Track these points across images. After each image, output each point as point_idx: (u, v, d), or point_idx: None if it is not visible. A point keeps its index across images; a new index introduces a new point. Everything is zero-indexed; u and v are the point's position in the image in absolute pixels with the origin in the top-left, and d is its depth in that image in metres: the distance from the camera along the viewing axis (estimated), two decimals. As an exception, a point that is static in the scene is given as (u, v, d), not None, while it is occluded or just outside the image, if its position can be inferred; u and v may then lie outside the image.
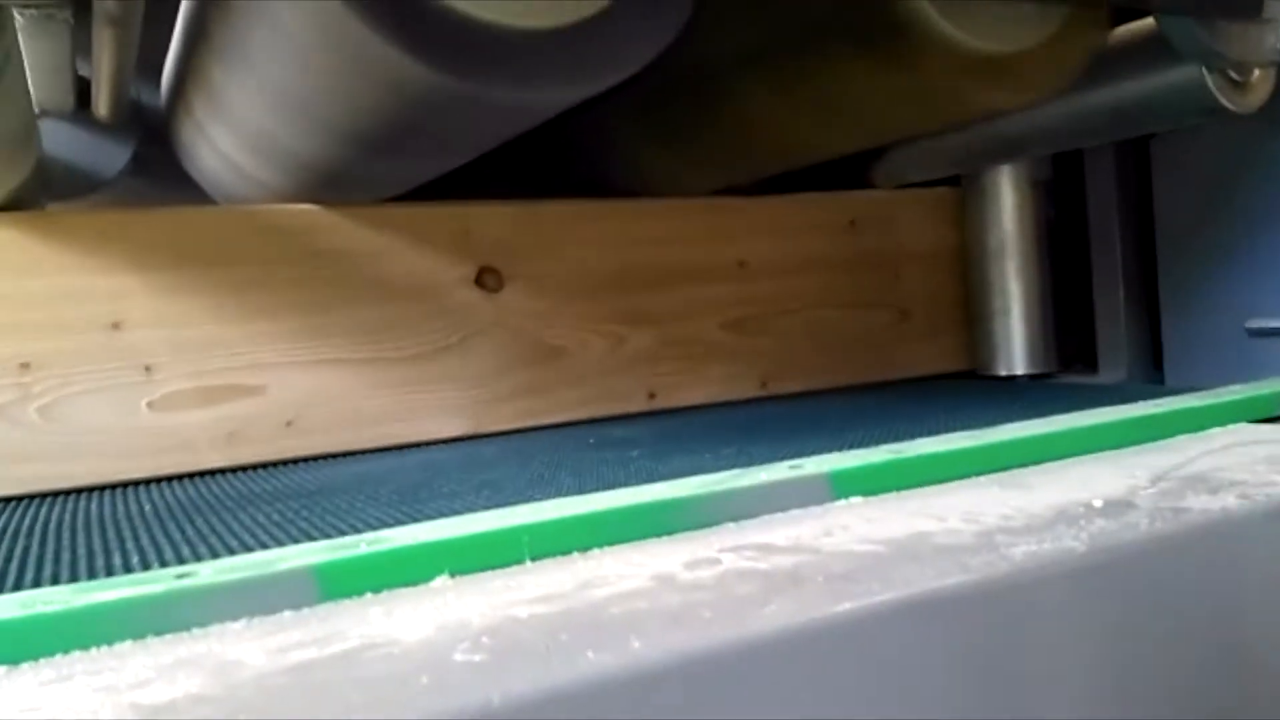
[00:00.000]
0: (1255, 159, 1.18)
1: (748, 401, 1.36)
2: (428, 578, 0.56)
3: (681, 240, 1.32)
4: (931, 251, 1.51)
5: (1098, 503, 0.63)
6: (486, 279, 1.19)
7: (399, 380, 1.15)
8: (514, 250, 1.20)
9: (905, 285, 1.49)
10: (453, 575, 0.57)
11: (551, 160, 1.34)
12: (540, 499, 0.64)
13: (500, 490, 0.84)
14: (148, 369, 1.02)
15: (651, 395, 1.30)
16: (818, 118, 0.95)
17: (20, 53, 0.86)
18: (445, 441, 1.17)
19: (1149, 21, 1.00)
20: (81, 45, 1.07)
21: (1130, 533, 0.57)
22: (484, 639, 0.45)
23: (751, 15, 0.87)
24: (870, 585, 0.49)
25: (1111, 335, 1.42)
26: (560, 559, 0.59)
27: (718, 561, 0.56)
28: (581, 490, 0.74)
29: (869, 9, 0.79)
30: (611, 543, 0.61)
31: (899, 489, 0.70)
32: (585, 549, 0.60)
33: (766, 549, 0.57)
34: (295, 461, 1.10)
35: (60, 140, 1.21)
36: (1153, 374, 1.41)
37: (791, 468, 0.70)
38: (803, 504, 0.67)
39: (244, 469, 1.07)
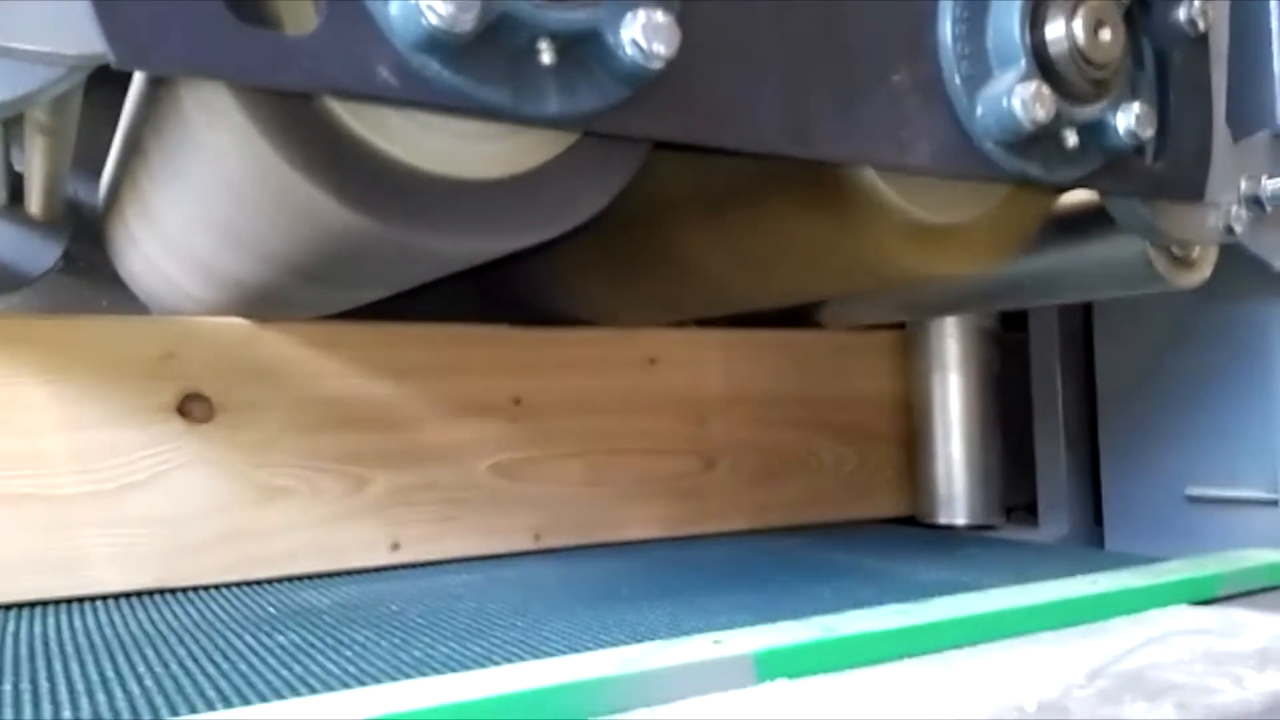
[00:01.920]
0: (1196, 328, 1.20)
1: (521, 555, 1.19)
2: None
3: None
4: (738, 396, 1.36)
5: (1030, 707, 0.60)
6: (192, 407, 1.03)
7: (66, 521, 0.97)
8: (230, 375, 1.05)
9: (710, 431, 1.34)
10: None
11: (489, 280, 1.30)
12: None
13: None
14: None
15: (395, 546, 1.13)
16: (759, 269, 0.95)
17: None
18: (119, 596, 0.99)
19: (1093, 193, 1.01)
20: (17, 139, 1.04)
21: (1064, 749, 0.54)
22: None
23: (699, 163, 0.87)
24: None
25: (1053, 489, 1.41)
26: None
27: (626, 762, 0.52)
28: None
29: (814, 170, 0.79)
30: (509, 730, 0.56)
31: (826, 671, 0.66)
32: (482, 738, 0.56)
33: (679, 749, 0.53)
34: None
35: (-13, 235, 1.17)
36: (1094, 529, 1.40)
37: (714, 643, 0.66)
38: (724, 686, 0.63)
39: None
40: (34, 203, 1.11)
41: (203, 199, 0.73)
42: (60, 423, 0.97)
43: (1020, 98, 0.70)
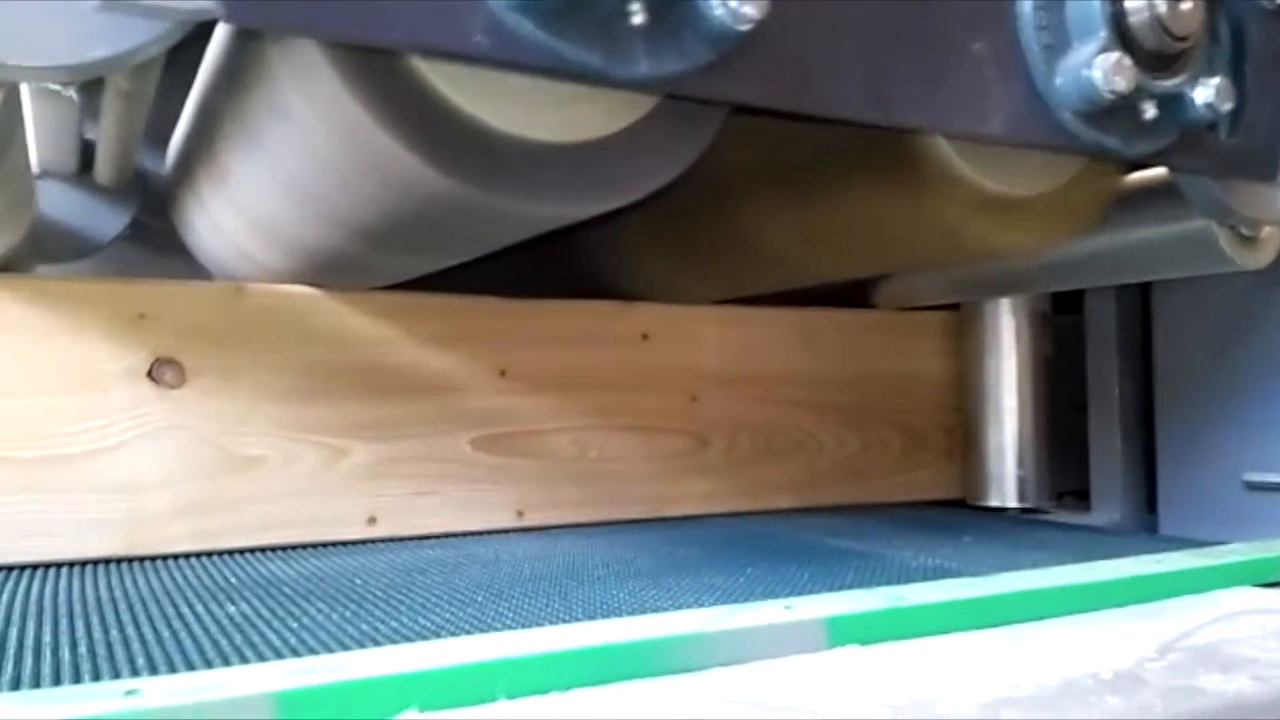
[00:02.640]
0: (1259, 312, 1.18)
1: (503, 532, 1.14)
2: (394, 711, 0.52)
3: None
4: (732, 374, 1.31)
5: (1106, 674, 0.60)
6: (164, 372, 0.99)
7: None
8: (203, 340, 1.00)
9: (704, 409, 1.29)
10: (421, 710, 0.53)
11: (547, 252, 1.30)
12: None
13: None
14: None
15: (372, 520, 1.09)
16: (826, 243, 0.95)
17: (24, 126, 0.84)
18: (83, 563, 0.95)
19: (1162, 170, 1.00)
20: (90, 109, 1.06)
21: (1145, 714, 0.54)
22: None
23: (770, 135, 0.87)
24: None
25: (1106, 475, 1.40)
26: (538, 699, 0.55)
27: (708, 717, 0.52)
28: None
29: (887, 142, 0.78)
30: (595, 683, 0.57)
31: (897, 638, 0.67)
32: (565, 689, 0.56)
33: (760, 705, 0.54)
34: None
35: (58, 202, 1.19)
36: (1145, 516, 1.39)
37: (785, 608, 0.67)
38: (798, 650, 0.63)
39: None
40: (104, 170, 1.13)
41: (283, 164, 0.74)
42: (25, 385, 0.94)
43: (1101, 68, 0.70)
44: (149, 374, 0.98)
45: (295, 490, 1.05)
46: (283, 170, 0.75)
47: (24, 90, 0.93)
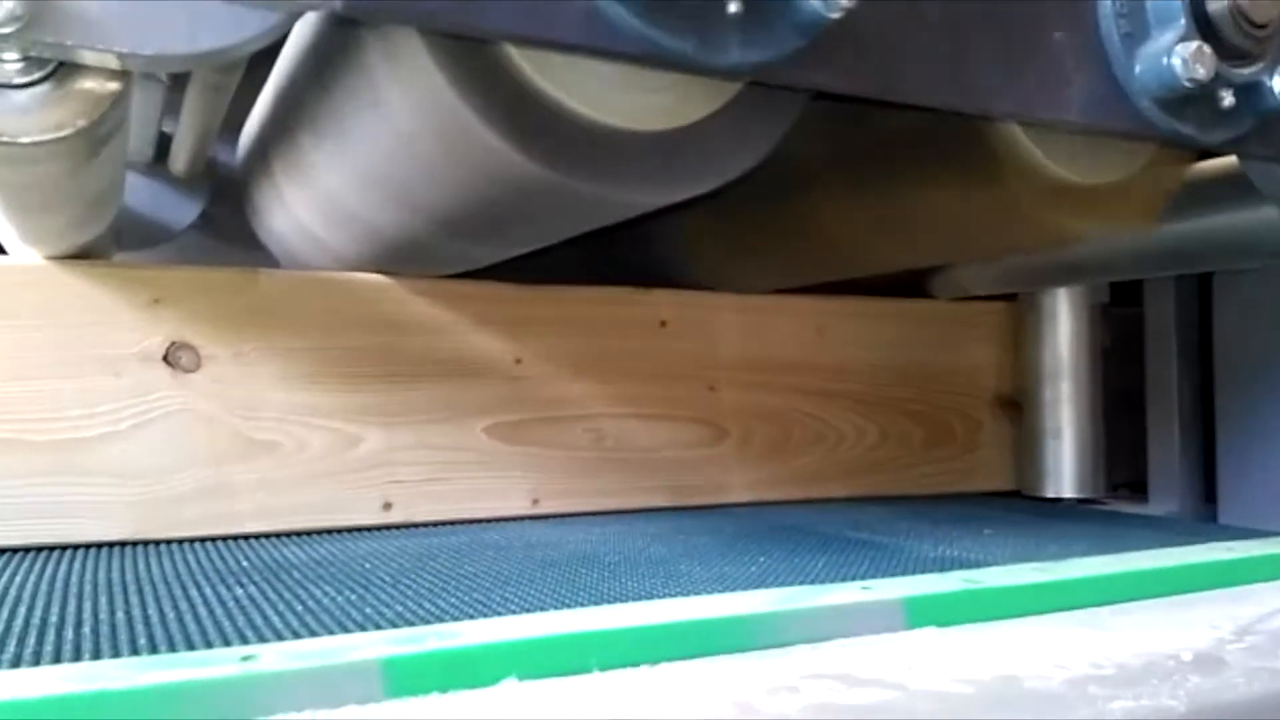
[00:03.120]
0: (1322, 303, 1.17)
1: (518, 519, 1.14)
2: (495, 680, 0.54)
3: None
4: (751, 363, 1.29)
5: (1186, 656, 0.60)
6: (179, 355, 0.99)
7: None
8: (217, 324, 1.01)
9: (722, 399, 1.27)
10: (520, 679, 0.55)
11: (605, 239, 1.30)
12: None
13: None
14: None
15: (387, 506, 1.09)
16: (894, 230, 0.95)
17: (130, 116, 0.86)
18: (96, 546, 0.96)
19: (1228, 159, 1.00)
20: (169, 102, 1.09)
21: (1229, 693, 0.55)
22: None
23: (840, 122, 0.88)
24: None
25: (1164, 465, 1.39)
26: (629, 671, 0.57)
27: (797, 690, 0.53)
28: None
29: (962, 130, 0.79)
30: (682, 657, 0.59)
31: (975, 620, 0.68)
32: (655, 662, 0.58)
33: (848, 679, 0.55)
34: None
35: (134, 191, 1.22)
36: (1203, 507, 1.38)
37: (863, 589, 0.68)
38: (877, 630, 0.64)
39: None
40: (179, 160, 1.16)
41: (370, 151, 0.76)
42: (40, 369, 0.95)
43: (1181, 56, 0.70)
44: (164, 358, 0.99)
45: (309, 475, 1.05)
46: (369, 158, 0.77)
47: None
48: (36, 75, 0.57)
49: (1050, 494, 1.43)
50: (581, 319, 1.19)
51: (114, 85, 0.58)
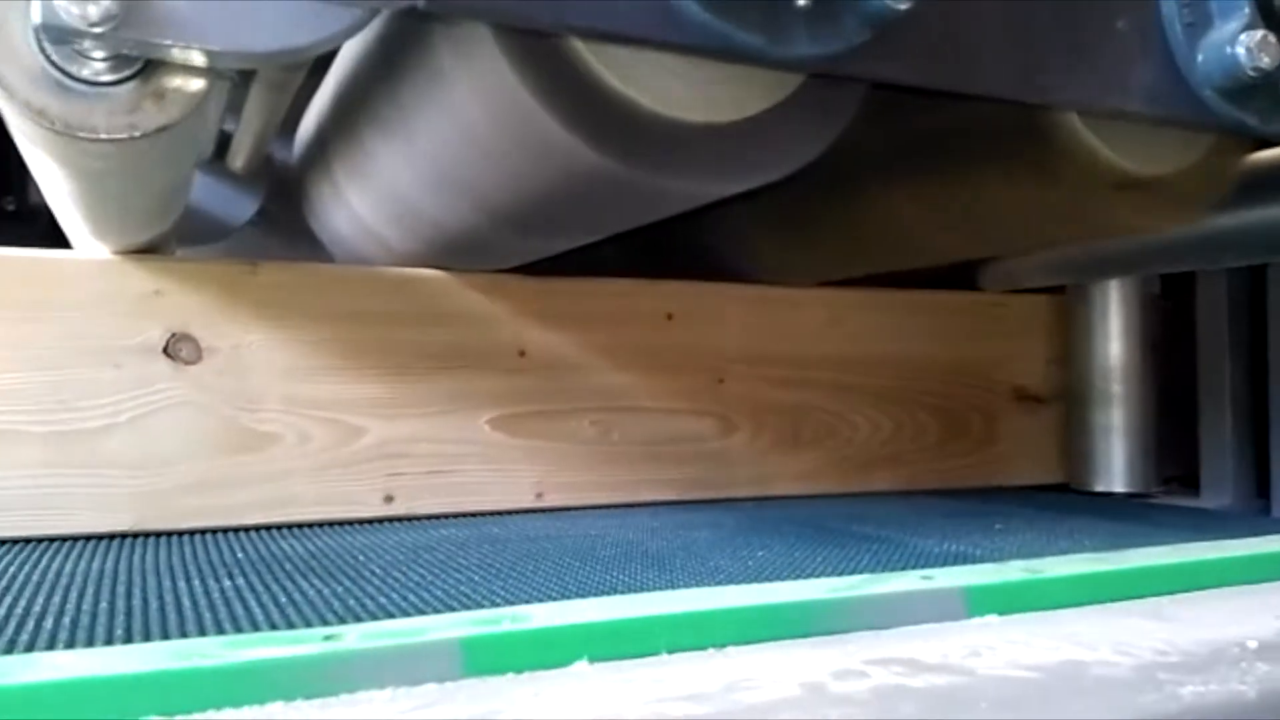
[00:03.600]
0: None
1: (521, 513, 1.12)
2: (568, 661, 0.55)
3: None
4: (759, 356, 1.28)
5: (1252, 644, 0.60)
6: (180, 348, 0.99)
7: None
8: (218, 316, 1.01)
9: (729, 392, 1.26)
10: (591, 661, 0.56)
11: (655, 229, 1.31)
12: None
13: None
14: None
15: (389, 499, 1.09)
16: (950, 221, 0.96)
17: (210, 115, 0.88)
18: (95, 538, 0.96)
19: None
20: (230, 100, 1.11)
21: (1299, 682, 0.55)
22: (647, 737, 0.44)
23: (898, 115, 0.88)
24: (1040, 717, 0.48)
25: (1217, 459, 1.38)
26: (697, 654, 0.58)
27: (864, 674, 0.54)
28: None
29: (1022, 120, 0.79)
30: (747, 641, 0.60)
31: (1035, 609, 0.68)
32: (721, 645, 0.59)
33: (914, 665, 0.56)
34: None
35: (194, 187, 1.24)
36: (1255, 501, 1.37)
37: (923, 578, 0.69)
38: (938, 618, 0.65)
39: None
40: (239, 157, 1.18)
41: (435, 147, 0.78)
42: (41, 360, 0.95)
43: (1245, 45, 0.70)
44: (165, 350, 0.99)
45: (310, 468, 1.05)
46: (437, 155, 0.78)
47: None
48: (124, 73, 0.59)
49: (1100, 488, 1.42)
50: (587, 311, 1.18)
51: (199, 84, 0.60)
